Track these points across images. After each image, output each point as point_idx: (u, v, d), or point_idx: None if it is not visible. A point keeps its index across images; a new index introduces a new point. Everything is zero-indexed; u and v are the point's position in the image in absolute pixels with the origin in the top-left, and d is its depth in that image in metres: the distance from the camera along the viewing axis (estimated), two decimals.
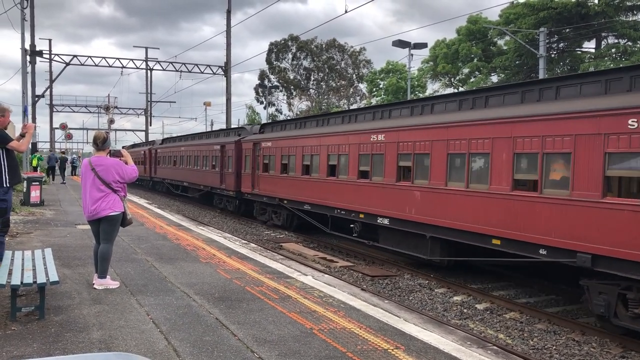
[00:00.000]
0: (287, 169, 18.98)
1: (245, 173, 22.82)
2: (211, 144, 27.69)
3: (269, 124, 23.88)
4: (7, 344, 5.04)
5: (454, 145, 11.34)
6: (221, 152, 25.52)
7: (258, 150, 21.51)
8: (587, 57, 39.03)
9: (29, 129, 8.02)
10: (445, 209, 11.45)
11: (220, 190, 25.74)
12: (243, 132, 25.18)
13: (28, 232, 12.41)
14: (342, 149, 15.57)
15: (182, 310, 6.36)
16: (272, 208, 20.62)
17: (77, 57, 42.92)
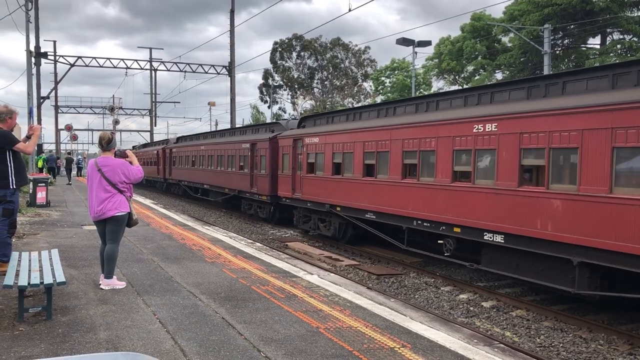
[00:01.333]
0: (341, 169, 15.81)
1: (283, 175, 19.57)
2: (238, 142, 24.68)
3: (310, 117, 20.07)
4: (15, 344, 5.06)
5: (623, 135, 8.17)
6: (251, 151, 22.54)
7: (300, 147, 18.34)
8: (592, 53, 38.86)
9: (35, 131, 8.07)
10: (607, 225, 8.26)
11: (250, 195, 22.68)
12: (277, 127, 21.92)
13: (35, 233, 12.46)
14: (426, 143, 12.20)
15: (188, 309, 6.37)
16: (318, 216, 17.54)
17: (82, 58, 43.09)
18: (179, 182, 35.08)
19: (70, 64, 42.72)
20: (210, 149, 28.82)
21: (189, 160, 32.82)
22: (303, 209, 18.46)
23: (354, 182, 15.06)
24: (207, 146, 29.41)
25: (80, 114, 64.28)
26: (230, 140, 26.46)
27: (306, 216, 18.52)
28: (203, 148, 29.98)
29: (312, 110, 57.59)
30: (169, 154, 38.05)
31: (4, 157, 7.45)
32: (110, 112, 57.71)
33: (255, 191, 22.10)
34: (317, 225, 17.76)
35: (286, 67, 64.59)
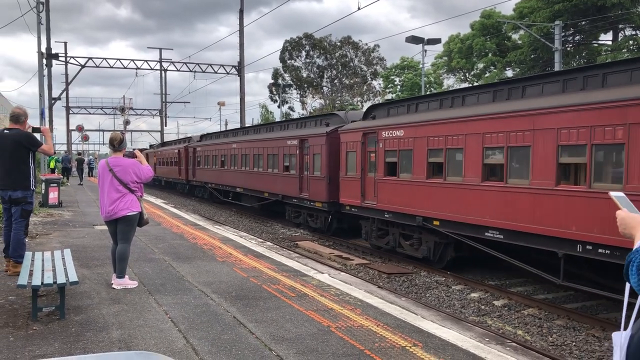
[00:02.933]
0: (443, 170, 12.15)
1: (346, 177, 16.13)
2: (282, 138, 20.89)
3: (381, 106, 16.18)
4: (29, 343, 5.11)
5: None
6: (300, 149, 19.13)
7: (374, 143, 14.81)
8: (604, 49, 38.53)
9: (45, 133, 8.15)
10: None
11: (299, 201, 19.15)
12: (333, 119, 18.33)
13: (47, 233, 12.57)
14: (608, 134, 8.59)
15: (200, 309, 6.40)
16: (401, 230, 14.06)
17: (92, 59, 43.36)
18: (205, 185, 31.85)
19: (80, 65, 43.01)
20: (244, 147, 25.36)
21: (217, 160, 29.53)
22: (378, 220, 14.79)
23: (466, 189, 11.40)
24: (241, 144, 25.93)
25: (92, 115, 64.81)
26: (271, 136, 22.55)
27: (381, 229, 14.88)
28: (235, 146, 26.61)
29: (322, 110, 57.55)
30: (192, 153, 34.73)
31: (27, 159, 7.55)
32: (121, 113, 58.07)
33: (306, 196, 18.54)
34: (398, 241, 14.12)
35: (295, 67, 64.65)
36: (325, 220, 18.07)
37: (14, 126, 7.60)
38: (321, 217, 18.40)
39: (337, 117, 18.37)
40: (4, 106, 56.41)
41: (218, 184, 29.19)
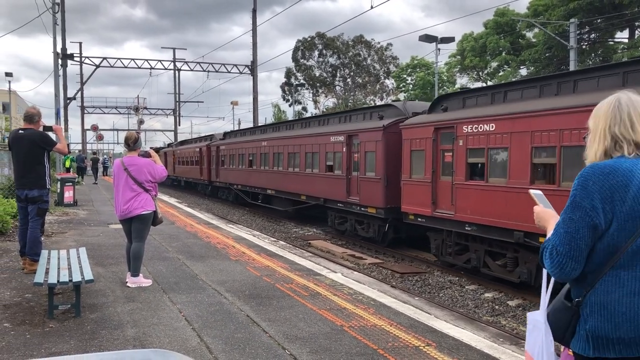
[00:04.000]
0: (553, 173, 9.95)
1: (411, 181, 13.64)
2: (324, 134, 18.49)
3: (454, 96, 13.51)
4: (46, 340, 5.17)
5: None
6: (347, 146, 16.77)
7: (449, 140, 12.39)
8: (621, 47, 38.11)
9: (57, 131, 8.24)
10: None
11: (346, 205, 16.86)
12: (389, 112, 15.82)
13: (62, 231, 12.70)
14: None
15: (213, 307, 6.43)
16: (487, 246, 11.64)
17: (107, 59, 43.72)
18: (230, 186, 29.50)
19: (95, 65, 43.39)
20: (276, 144, 22.89)
21: (243, 159, 27.15)
22: (455, 233, 12.40)
23: None
24: (273, 142, 23.48)
25: (106, 114, 65.35)
26: (310, 132, 20.10)
27: (459, 244, 12.50)
28: (265, 144, 24.18)
29: (334, 109, 57.55)
30: (215, 152, 32.34)
31: (42, 158, 7.64)
32: (135, 112, 58.48)
33: (355, 201, 16.19)
34: (483, 260, 11.73)
35: (308, 66, 64.68)
36: (380, 229, 15.47)
37: (28, 126, 7.69)
38: (374, 225, 15.68)
39: (394, 109, 15.72)
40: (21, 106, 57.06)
41: (245, 185, 26.84)
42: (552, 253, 2.17)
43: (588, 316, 2.15)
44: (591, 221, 2.11)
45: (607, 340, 2.10)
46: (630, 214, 2.10)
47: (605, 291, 2.13)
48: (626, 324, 2.08)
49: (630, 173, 2.12)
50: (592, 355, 2.13)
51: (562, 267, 2.14)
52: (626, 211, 2.10)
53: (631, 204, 2.10)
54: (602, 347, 2.11)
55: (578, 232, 2.12)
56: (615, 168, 2.14)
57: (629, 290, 2.10)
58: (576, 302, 2.19)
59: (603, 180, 2.12)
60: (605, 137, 2.23)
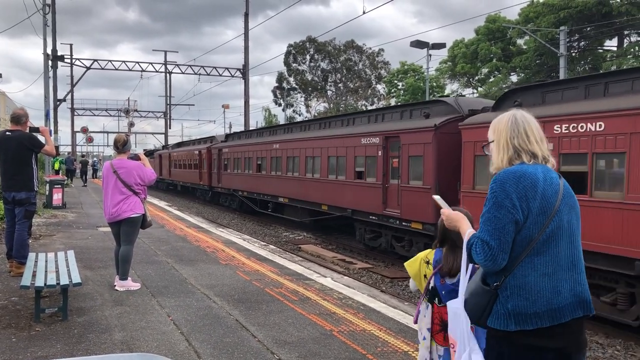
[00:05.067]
0: None
1: (474, 192, 11.39)
2: (353, 135, 16.09)
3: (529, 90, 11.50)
4: (32, 344, 5.12)
5: None
6: (384, 149, 14.40)
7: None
8: (609, 55, 38.49)
9: (44, 133, 8.18)
10: None
11: (381, 218, 14.55)
12: (436, 109, 13.51)
13: (50, 234, 12.59)
14: None
15: (202, 311, 6.40)
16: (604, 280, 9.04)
17: (98, 61, 43.53)
18: (234, 192, 27.13)
19: (86, 67, 43.18)
20: (291, 147, 20.38)
21: (251, 163, 24.86)
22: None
23: None
24: (286, 144, 20.96)
25: (97, 117, 65.00)
26: (335, 133, 17.48)
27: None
28: (277, 147, 21.72)
29: (326, 113, 57.58)
30: (217, 155, 30.00)
31: (30, 160, 7.58)
32: (126, 115, 58.24)
33: (394, 214, 13.82)
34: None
35: (300, 70, 64.76)
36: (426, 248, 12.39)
37: (16, 127, 7.63)
38: (419, 244, 13.31)
39: (443, 106, 13.40)
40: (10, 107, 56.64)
41: (252, 192, 24.38)
42: (484, 248, 2.47)
43: (509, 297, 2.48)
44: (513, 217, 2.46)
45: (526, 315, 2.45)
46: (540, 209, 2.49)
47: (522, 275, 2.48)
48: (540, 300, 2.45)
49: (535, 175, 2.52)
50: (514, 329, 2.46)
51: (494, 259, 2.46)
52: (537, 207, 2.49)
53: (540, 201, 2.49)
54: (522, 321, 2.45)
55: (504, 228, 2.46)
56: (523, 172, 2.53)
57: (541, 273, 2.48)
58: (494, 286, 2.51)
59: (517, 183, 2.49)
60: (508, 148, 2.65)
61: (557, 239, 2.52)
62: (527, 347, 2.47)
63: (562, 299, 2.48)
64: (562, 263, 2.52)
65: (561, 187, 2.59)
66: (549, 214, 2.51)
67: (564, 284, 2.50)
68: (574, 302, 2.51)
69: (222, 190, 29.26)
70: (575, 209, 2.63)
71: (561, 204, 2.55)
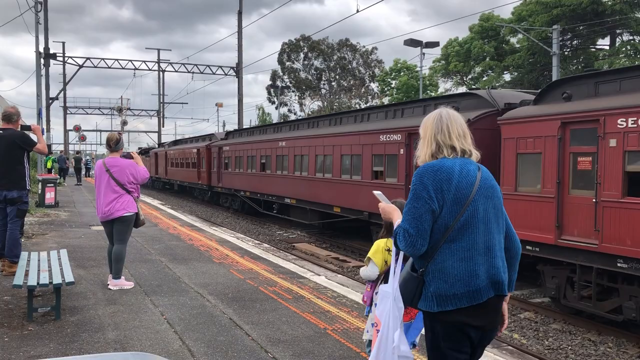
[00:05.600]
0: None
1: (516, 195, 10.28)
2: (370, 132, 14.89)
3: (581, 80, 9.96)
4: (24, 344, 5.09)
5: None
6: (407, 148, 13.20)
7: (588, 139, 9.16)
8: (602, 54, 38.68)
9: (36, 131, 8.14)
10: None
11: None
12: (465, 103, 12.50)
13: (43, 233, 12.53)
14: None
15: (196, 310, 6.39)
16: None
17: (90, 59, 43.34)
18: (236, 193, 25.91)
19: (78, 65, 42.99)
20: (299, 145, 19.18)
21: (254, 162, 23.74)
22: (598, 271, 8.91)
23: None
24: (294, 141, 19.71)
25: (90, 115, 64.79)
26: (348, 130, 16.21)
27: (601, 285, 9.01)
28: (284, 144, 20.51)
29: (320, 112, 57.58)
30: (216, 153, 28.86)
31: (22, 158, 7.54)
32: (119, 113, 58.02)
33: None
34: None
35: (294, 68, 64.71)
36: None
37: (7, 126, 7.59)
38: None
39: (475, 99, 12.32)
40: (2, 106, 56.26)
41: (255, 192, 23.21)
42: (404, 235, 2.73)
43: (431, 281, 2.75)
44: (429, 207, 2.72)
45: (446, 297, 2.70)
46: (454, 200, 2.73)
47: (441, 260, 2.73)
48: (458, 283, 2.70)
49: (451, 169, 2.77)
50: (437, 310, 2.73)
51: (414, 245, 2.72)
52: (451, 198, 2.73)
53: (454, 192, 2.73)
54: (443, 302, 2.71)
55: (422, 217, 2.71)
56: (440, 166, 2.78)
57: (458, 258, 2.72)
58: (420, 272, 2.79)
59: (434, 176, 2.75)
60: (432, 143, 2.91)
61: (473, 226, 2.75)
62: (451, 325, 2.73)
63: (479, 281, 2.71)
64: (478, 248, 2.75)
65: (478, 178, 2.81)
66: (463, 203, 2.74)
67: (480, 268, 2.73)
68: (489, 284, 2.75)
69: (222, 190, 28.08)
70: (493, 198, 2.85)
71: (476, 194, 2.78)
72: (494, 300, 2.78)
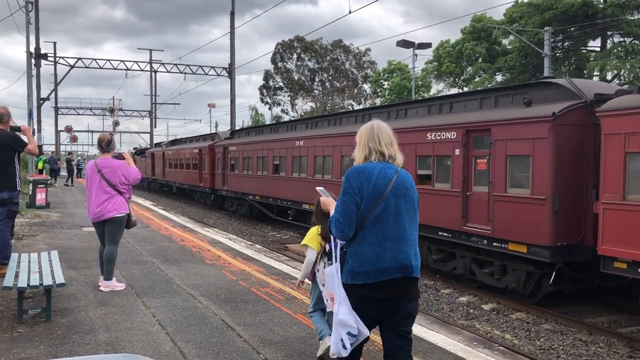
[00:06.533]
0: None
1: (624, 204, 8.54)
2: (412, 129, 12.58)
3: None
4: (14, 346, 5.06)
5: None
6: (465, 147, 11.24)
7: None
8: (593, 56, 38.92)
9: (26, 132, 8.08)
10: None
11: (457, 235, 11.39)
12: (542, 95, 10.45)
13: (34, 234, 12.45)
14: None
15: (188, 311, 6.36)
16: None
17: (82, 59, 43.12)
18: (243, 197, 24.06)
19: (70, 66, 42.76)
20: (320, 145, 17.17)
21: (265, 163, 21.86)
22: None
23: None
24: (314, 141, 17.64)
25: (81, 116, 64.38)
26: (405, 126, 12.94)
27: None
28: (302, 144, 18.45)
29: (312, 112, 57.55)
30: (221, 153, 26.95)
31: (13, 159, 7.48)
32: (110, 114, 57.75)
33: (483, 231, 10.64)
34: None
35: (287, 69, 64.68)
36: (529, 278, 10.20)
37: None
38: (519, 272, 10.40)
39: (553, 90, 10.30)
40: None
41: (267, 196, 21.40)
42: (336, 223, 3.42)
43: (348, 260, 3.47)
44: (354, 200, 3.40)
45: (358, 273, 3.41)
46: (370, 196, 3.40)
47: (357, 244, 3.43)
48: (367, 263, 3.39)
49: (371, 172, 3.44)
50: (351, 282, 3.43)
51: (343, 231, 3.41)
52: (369, 195, 3.40)
53: (371, 191, 3.40)
54: (355, 277, 3.42)
55: (349, 208, 3.40)
56: (364, 168, 3.47)
57: (369, 243, 3.40)
58: (343, 252, 3.55)
59: (357, 176, 3.44)
60: (365, 148, 3.55)
61: (384, 218, 3.41)
62: (361, 296, 3.43)
63: (385, 262, 3.37)
64: (388, 236, 3.41)
65: (393, 180, 3.45)
66: (378, 199, 3.40)
67: (387, 252, 3.39)
68: (395, 266, 3.39)
69: (227, 194, 26.06)
70: (406, 197, 3.48)
71: (389, 192, 3.42)
72: (401, 280, 3.41)
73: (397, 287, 3.41)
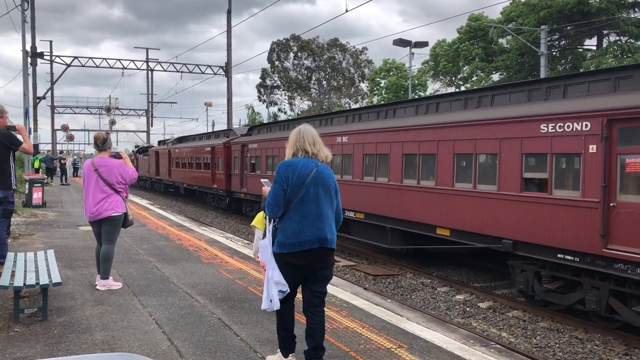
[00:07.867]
0: None
1: None
2: (513, 120, 9.75)
3: None
4: (11, 345, 5.05)
5: None
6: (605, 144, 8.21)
7: None
8: (589, 55, 39.00)
9: (21, 131, 8.06)
10: None
11: (589, 261, 8.44)
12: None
13: (30, 233, 12.43)
14: None
15: (184, 310, 6.36)
16: None
17: (78, 58, 42.99)
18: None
19: (66, 64, 42.63)
20: (372, 141, 14.12)
21: None
22: None
23: None
24: (362, 136, 14.61)
25: (78, 115, 64.22)
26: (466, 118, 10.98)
27: None
28: (345, 140, 15.30)
29: (309, 112, 57.55)
30: (239, 152, 24.05)
31: (8, 158, 7.46)
32: (107, 113, 57.64)
33: (632, 255, 7.78)
34: None
35: (284, 68, 64.63)
36: None
37: None
38: None
39: None
40: None
41: None
42: (268, 205, 4.36)
43: (277, 234, 4.38)
44: (282, 187, 4.32)
45: (284, 244, 4.33)
46: (294, 184, 4.31)
47: (285, 221, 4.35)
48: (292, 236, 4.31)
49: (296, 165, 4.37)
50: (278, 252, 4.36)
51: (272, 210, 4.34)
52: (293, 183, 4.31)
53: (295, 180, 4.31)
54: (282, 247, 4.34)
55: (277, 193, 4.32)
56: (290, 162, 4.41)
57: (294, 220, 4.32)
58: (274, 228, 4.45)
59: (285, 169, 4.37)
60: (294, 147, 4.49)
61: (306, 201, 4.31)
62: (286, 263, 4.35)
63: (304, 236, 4.28)
64: (308, 216, 4.31)
65: (313, 172, 4.35)
66: (300, 186, 4.30)
67: (307, 228, 4.29)
68: (313, 239, 4.30)
69: (246, 197, 23.20)
70: (324, 185, 4.38)
71: (310, 181, 4.32)
72: (318, 250, 4.33)
73: (314, 256, 4.33)
